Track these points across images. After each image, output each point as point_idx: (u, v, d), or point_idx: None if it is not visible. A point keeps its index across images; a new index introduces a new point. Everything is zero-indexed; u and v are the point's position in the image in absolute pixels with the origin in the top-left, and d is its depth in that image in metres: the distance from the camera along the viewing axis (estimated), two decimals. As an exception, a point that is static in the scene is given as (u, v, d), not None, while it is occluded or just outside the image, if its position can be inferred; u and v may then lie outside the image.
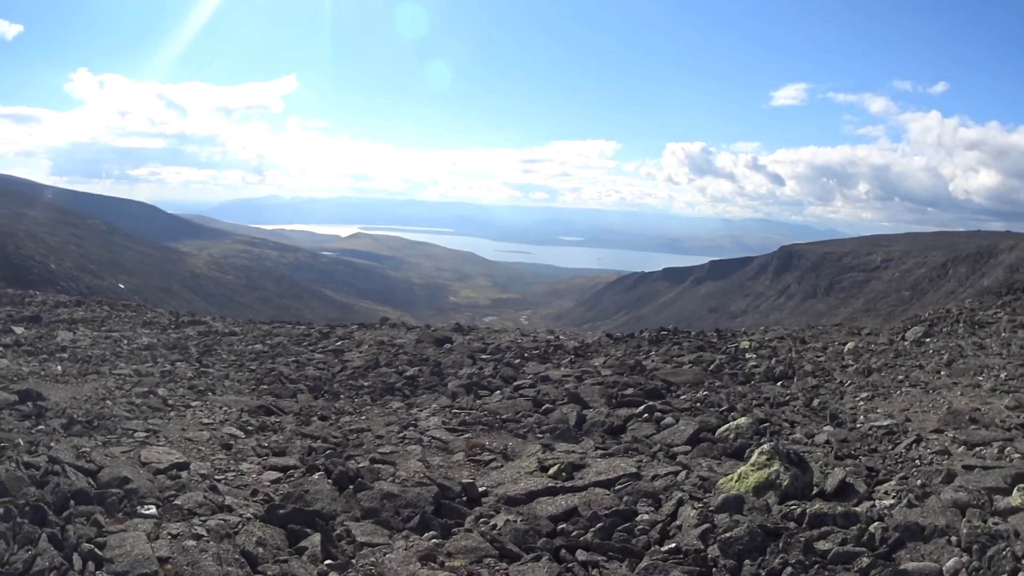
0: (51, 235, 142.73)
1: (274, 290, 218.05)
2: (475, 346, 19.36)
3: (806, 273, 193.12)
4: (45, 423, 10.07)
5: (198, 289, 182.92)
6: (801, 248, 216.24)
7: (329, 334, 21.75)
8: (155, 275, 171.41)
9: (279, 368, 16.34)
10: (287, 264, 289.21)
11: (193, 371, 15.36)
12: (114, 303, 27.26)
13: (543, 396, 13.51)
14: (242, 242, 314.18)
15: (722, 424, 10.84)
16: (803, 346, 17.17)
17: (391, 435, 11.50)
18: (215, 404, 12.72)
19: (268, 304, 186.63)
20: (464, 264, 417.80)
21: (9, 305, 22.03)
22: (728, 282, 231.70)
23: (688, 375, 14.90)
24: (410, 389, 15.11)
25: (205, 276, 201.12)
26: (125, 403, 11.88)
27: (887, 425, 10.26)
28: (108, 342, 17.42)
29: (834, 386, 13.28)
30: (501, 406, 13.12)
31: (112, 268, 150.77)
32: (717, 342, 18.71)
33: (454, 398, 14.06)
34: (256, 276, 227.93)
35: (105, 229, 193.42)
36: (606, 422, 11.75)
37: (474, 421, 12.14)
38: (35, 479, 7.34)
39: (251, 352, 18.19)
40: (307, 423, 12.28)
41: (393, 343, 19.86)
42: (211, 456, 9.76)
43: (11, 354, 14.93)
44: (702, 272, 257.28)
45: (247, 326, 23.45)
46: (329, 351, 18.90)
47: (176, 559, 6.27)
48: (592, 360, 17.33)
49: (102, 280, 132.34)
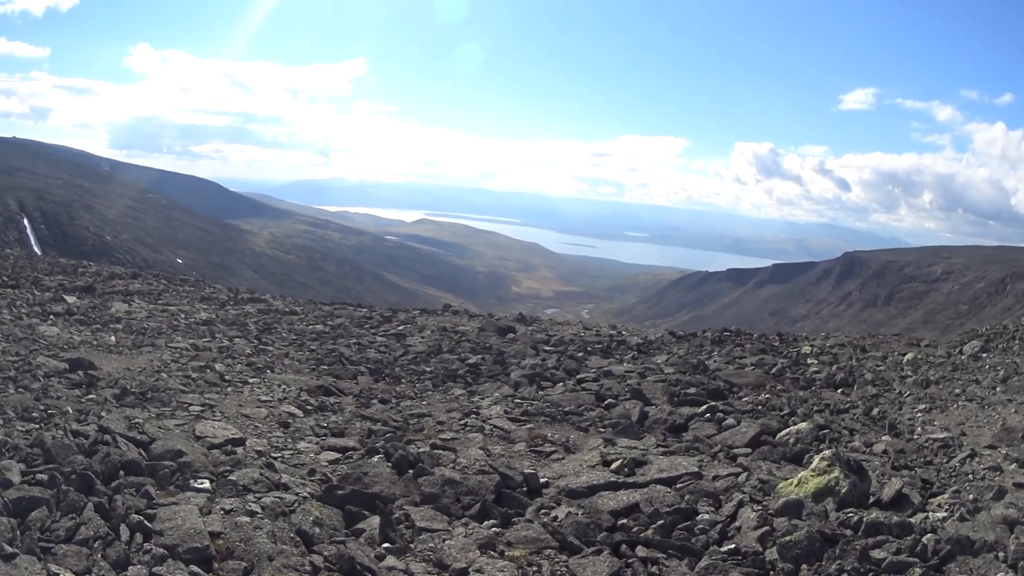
0: (108, 207, 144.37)
1: (336, 272, 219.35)
2: (538, 337, 19.34)
3: (868, 281, 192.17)
4: (96, 393, 10.15)
5: (258, 268, 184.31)
6: (864, 255, 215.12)
7: (391, 318, 21.79)
8: (214, 251, 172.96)
9: (340, 349, 16.36)
10: (350, 246, 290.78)
11: (252, 348, 15.44)
12: (172, 277, 27.55)
13: (606, 391, 13.49)
14: (305, 223, 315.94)
15: (783, 428, 10.82)
16: (863, 354, 17.04)
17: (452, 422, 11.55)
18: (274, 382, 12.76)
19: (329, 286, 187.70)
20: (528, 255, 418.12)
21: (61, 274, 22.24)
22: (790, 286, 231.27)
23: (750, 377, 14.82)
24: (472, 377, 15.13)
25: (266, 255, 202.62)
26: (181, 376, 11.97)
27: (943, 438, 10.20)
28: (165, 315, 17.55)
29: (893, 396, 13.16)
30: (564, 398, 13.13)
31: (170, 243, 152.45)
32: (779, 346, 18.60)
33: (516, 388, 14.02)
34: (318, 257, 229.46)
35: (165, 204, 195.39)
36: (668, 420, 11.72)
37: (536, 412, 12.15)
38: (83, 448, 7.39)
39: (312, 332, 18.25)
40: (367, 405, 12.31)
41: (456, 330, 19.87)
42: (268, 433, 9.80)
43: (62, 323, 15.07)
44: (765, 275, 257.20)
45: (308, 306, 23.57)
46: (391, 335, 18.91)
47: (228, 534, 6.27)
48: (655, 357, 17.25)
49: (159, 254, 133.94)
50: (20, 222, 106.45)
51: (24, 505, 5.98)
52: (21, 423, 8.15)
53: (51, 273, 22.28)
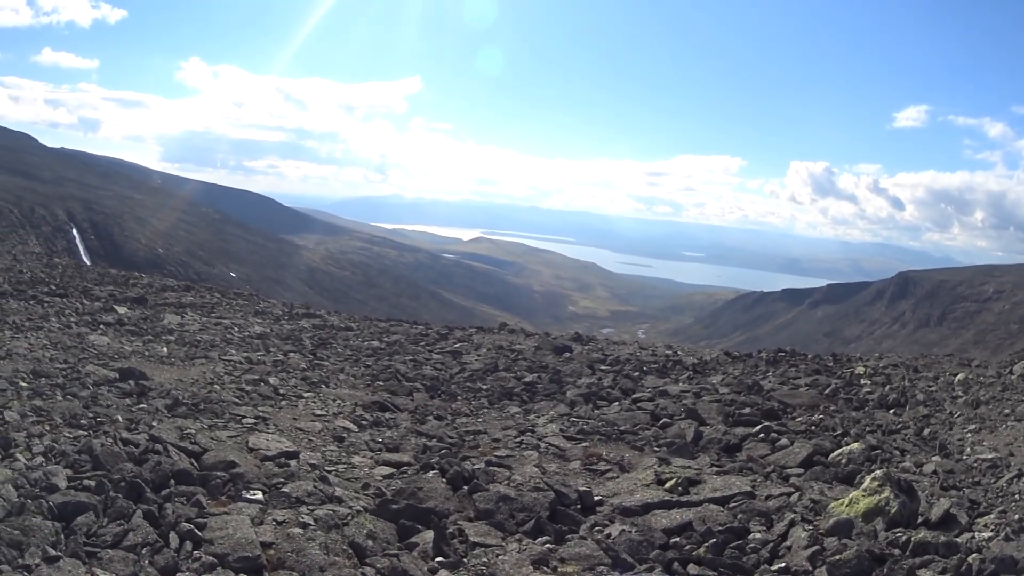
0: (160, 220, 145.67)
1: (391, 289, 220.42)
2: (594, 356, 19.34)
3: (920, 301, 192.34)
4: (147, 402, 10.27)
5: (312, 283, 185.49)
6: (917, 275, 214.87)
7: (447, 335, 21.86)
8: (268, 266, 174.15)
9: (396, 366, 16.44)
10: (406, 263, 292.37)
11: (307, 363, 15.56)
12: (225, 291, 27.77)
13: (661, 410, 13.51)
14: (361, 239, 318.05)
15: (835, 448, 10.77)
16: (916, 375, 16.99)
17: (508, 439, 11.58)
18: (328, 397, 12.87)
19: (384, 302, 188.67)
20: (585, 274, 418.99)
21: (111, 285, 22.50)
22: (844, 306, 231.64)
23: (804, 398, 14.78)
24: (528, 395, 15.19)
25: (321, 270, 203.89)
26: (234, 389, 12.11)
27: (991, 458, 10.17)
28: (218, 328, 17.72)
29: (944, 416, 13.13)
30: (619, 417, 13.16)
31: (223, 256, 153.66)
32: (833, 366, 18.55)
33: (572, 407, 14.10)
34: (374, 274, 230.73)
35: (218, 217, 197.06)
36: (722, 440, 11.70)
37: (592, 431, 12.19)
38: (133, 456, 7.50)
39: (367, 348, 18.33)
40: (423, 422, 12.36)
41: (512, 348, 19.89)
42: (322, 447, 9.87)
43: (112, 333, 15.26)
44: (819, 295, 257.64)
45: (363, 322, 23.68)
46: (447, 352, 18.99)
47: (280, 545, 6.31)
48: (710, 377, 17.24)
49: (212, 268, 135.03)
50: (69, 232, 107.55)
51: (70, 510, 6.08)
52: (69, 429, 8.27)
53: (101, 283, 22.54)
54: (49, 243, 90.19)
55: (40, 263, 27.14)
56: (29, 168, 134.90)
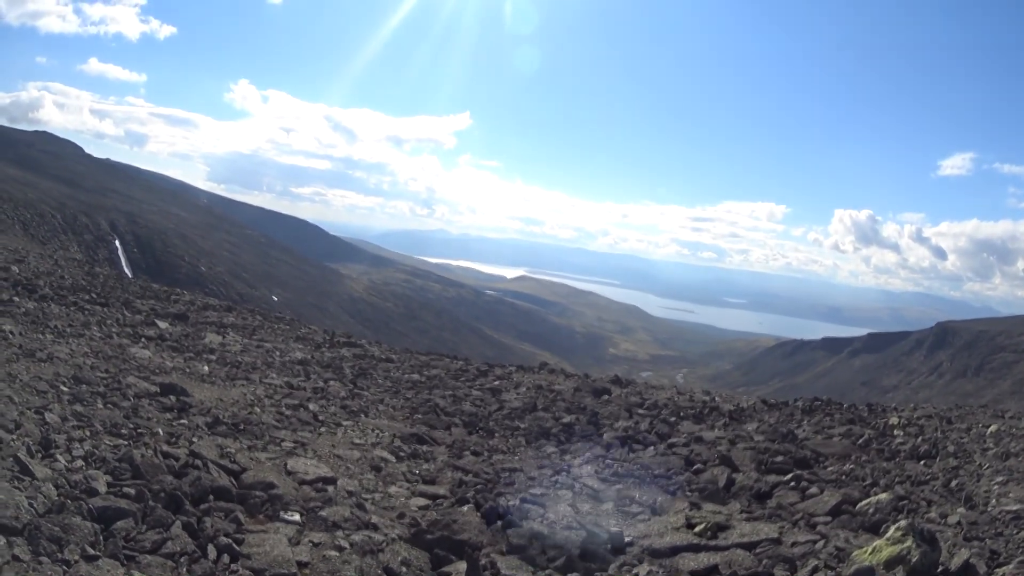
0: (203, 238, 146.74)
1: (433, 322, 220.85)
2: (632, 400, 19.40)
3: (959, 351, 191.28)
4: (188, 419, 10.47)
5: (354, 312, 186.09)
6: (956, 325, 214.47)
7: (487, 372, 21.97)
8: (311, 292, 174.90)
9: (435, 400, 16.60)
10: (449, 298, 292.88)
11: (347, 391, 15.73)
12: (267, 314, 27.99)
13: (695, 456, 13.60)
14: (405, 271, 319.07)
15: (864, 498, 10.82)
16: (949, 426, 16.99)
17: (543, 478, 11.67)
18: (367, 426, 13.02)
19: (425, 335, 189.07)
20: (627, 317, 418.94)
21: (153, 299, 22.79)
22: (883, 356, 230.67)
23: (837, 447, 14.82)
24: (565, 436, 15.28)
25: (363, 300, 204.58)
26: (274, 412, 12.28)
27: (1016, 510, 10.15)
28: (260, 351, 17.92)
29: (973, 468, 13.12)
30: (654, 461, 13.23)
31: (266, 280, 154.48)
32: (868, 416, 18.57)
33: (608, 449, 14.21)
34: (416, 306, 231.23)
35: (263, 241, 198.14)
36: (754, 487, 11.75)
37: (626, 473, 12.27)
38: (173, 469, 7.68)
39: (407, 381, 18.49)
40: (460, 456, 12.47)
41: (551, 388, 19.98)
42: (359, 475, 10.01)
43: (154, 347, 15.50)
44: (859, 344, 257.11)
45: (404, 355, 23.82)
46: (487, 389, 19.10)
47: (316, 566, 6.44)
48: (746, 424, 17.30)
49: (255, 290, 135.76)
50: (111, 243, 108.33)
51: (109, 514, 6.27)
52: (109, 437, 8.46)
53: (143, 297, 22.81)
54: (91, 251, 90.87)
55: (81, 270, 27.49)
56: (74, 176, 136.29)
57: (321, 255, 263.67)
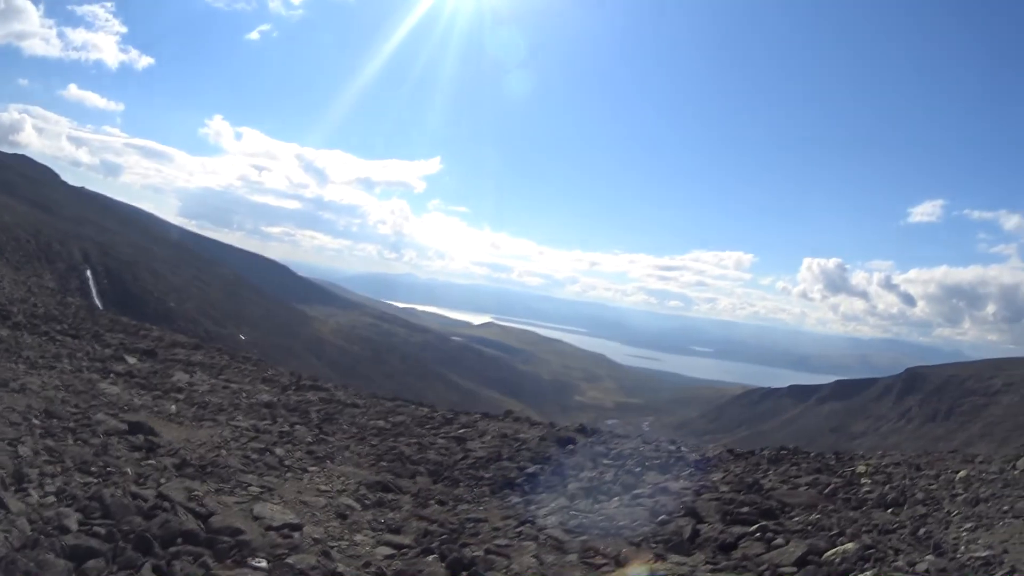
0: (173, 274, 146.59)
1: (399, 367, 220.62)
2: (597, 450, 19.37)
3: (928, 396, 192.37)
4: (156, 459, 10.47)
5: (321, 354, 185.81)
6: (926, 371, 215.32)
7: (452, 420, 21.91)
8: (278, 333, 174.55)
9: (400, 447, 16.57)
10: (415, 343, 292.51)
11: (312, 436, 15.71)
12: (234, 353, 27.92)
13: (660, 507, 13.57)
14: (372, 315, 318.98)
15: (830, 548, 10.85)
16: (917, 473, 17.03)
17: (507, 528, 11.69)
18: (333, 473, 13.00)
19: (391, 380, 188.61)
20: (593, 365, 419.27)
21: (123, 333, 22.74)
22: (851, 403, 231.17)
23: (803, 497, 14.84)
24: (530, 486, 15.23)
25: (330, 343, 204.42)
26: (240, 456, 12.25)
27: (985, 556, 10.24)
28: (227, 392, 17.88)
29: (942, 515, 13.18)
30: (618, 512, 13.23)
31: (234, 318, 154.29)
32: (835, 465, 18.60)
33: (573, 500, 14.17)
34: (383, 351, 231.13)
35: (232, 279, 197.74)
36: (719, 538, 11.76)
37: (591, 525, 12.30)
38: (142, 510, 7.66)
39: (373, 427, 18.44)
40: (425, 506, 12.48)
41: (516, 437, 19.93)
42: (325, 522, 10.01)
43: (123, 383, 15.50)
44: (827, 391, 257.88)
45: (370, 400, 23.75)
46: (452, 437, 19.05)
47: (284, 613, 6.44)
48: (711, 474, 17.30)
49: (223, 328, 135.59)
50: (83, 272, 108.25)
51: (81, 553, 6.31)
52: (79, 474, 8.49)
53: (112, 330, 22.79)
54: (63, 280, 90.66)
55: (54, 300, 27.54)
56: (50, 203, 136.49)
57: (289, 296, 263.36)
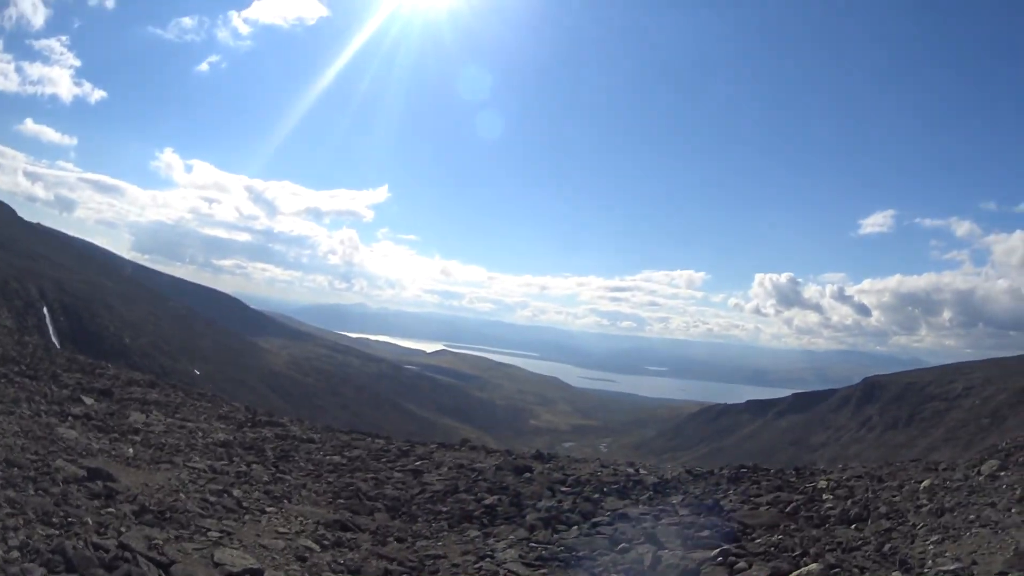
0: (128, 309, 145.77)
1: (354, 397, 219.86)
2: (555, 477, 19.35)
3: (887, 404, 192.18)
4: (115, 506, 10.33)
5: (275, 387, 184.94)
6: (883, 379, 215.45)
7: (408, 452, 21.83)
8: (232, 366, 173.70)
9: (357, 484, 16.46)
10: (369, 373, 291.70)
11: (269, 475, 15.59)
12: (189, 390, 27.71)
13: (620, 535, 13.60)
14: (325, 346, 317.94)
15: (793, 569, 10.94)
16: (880, 485, 17.00)
17: (467, 564, 11.71)
18: (291, 513, 12.91)
19: (346, 411, 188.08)
20: (547, 388, 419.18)
21: (79, 373, 22.53)
22: (810, 415, 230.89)
23: (764, 517, 14.86)
24: (488, 518, 15.22)
25: (284, 375, 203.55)
26: (199, 499, 12.13)
27: (953, 569, 10.24)
28: (183, 432, 17.72)
29: (906, 529, 13.16)
30: (578, 542, 13.23)
31: (188, 353, 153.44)
32: (795, 481, 18.59)
33: (532, 531, 14.14)
34: (337, 382, 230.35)
35: (185, 313, 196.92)
36: (680, 564, 11.78)
37: (551, 557, 12.30)
38: (104, 562, 7.59)
39: (329, 463, 18.34)
40: (384, 543, 12.44)
41: (473, 467, 19.90)
42: (285, 566, 9.95)
43: (80, 426, 15.29)
44: (784, 405, 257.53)
45: (326, 434, 23.66)
46: (408, 470, 18.97)
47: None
48: (670, 498, 17.29)
49: (177, 363, 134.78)
50: (40, 310, 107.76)
51: (48, 609, 6.19)
52: (41, 527, 8.37)
53: (69, 370, 22.57)
54: (20, 318, 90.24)
55: (12, 339, 27.26)
56: (6, 240, 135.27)
57: (242, 328, 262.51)
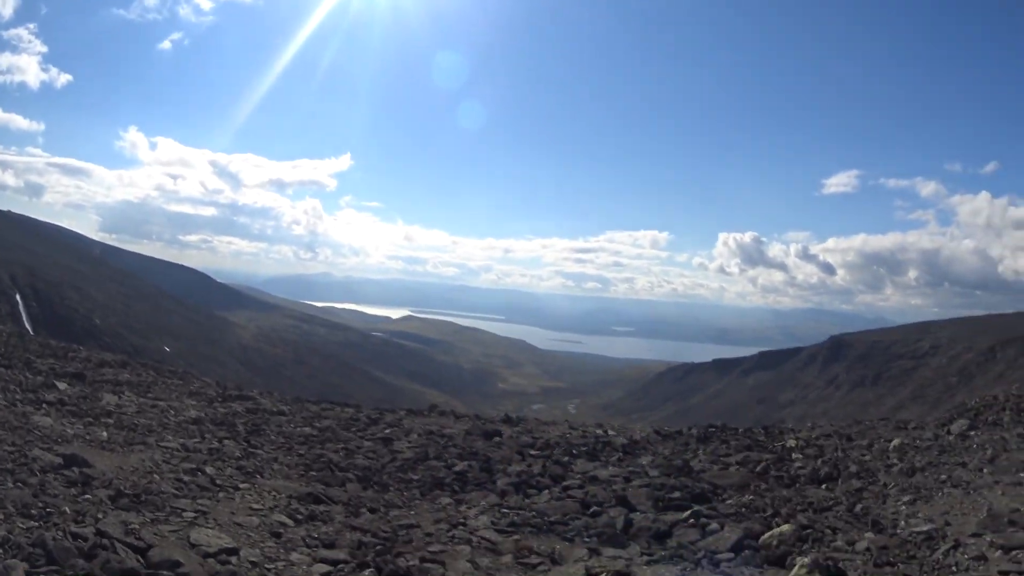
0: (98, 291, 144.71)
1: (322, 367, 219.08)
2: (524, 440, 19.43)
3: (854, 363, 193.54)
4: (91, 492, 10.30)
5: (245, 360, 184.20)
6: (850, 338, 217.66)
7: (378, 420, 21.82)
8: (202, 342, 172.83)
9: (328, 455, 16.40)
10: (336, 342, 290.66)
11: (241, 451, 15.52)
12: (160, 368, 27.53)
13: (591, 498, 13.64)
14: (292, 317, 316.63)
15: (766, 530, 10.93)
16: (849, 443, 17.04)
17: (440, 533, 11.68)
18: (264, 488, 12.88)
19: (315, 380, 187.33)
20: (514, 351, 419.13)
21: (52, 358, 22.35)
22: (777, 373, 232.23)
23: (735, 477, 14.94)
24: (459, 485, 15.21)
25: (252, 348, 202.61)
26: (173, 479, 12.10)
27: (927, 530, 10.30)
28: (155, 411, 17.62)
29: (878, 488, 13.22)
30: (549, 507, 13.23)
31: (158, 331, 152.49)
32: (764, 440, 18.62)
33: (503, 496, 14.18)
34: (305, 352, 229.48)
35: (154, 291, 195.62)
36: (652, 527, 11.80)
37: (523, 522, 12.29)
38: (83, 551, 7.60)
39: (300, 435, 18.29)
40: (356, 515, 12.43)
41: (442, 433, 19.95)
42: (261, 543, 9.96)
43: (55, 413, 15.15)
44: (751, 363, 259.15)
45: (295, 405, 23.57)
46: (378, 439, 18.93)
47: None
48: (640, 459, 17.31)
49: (148, 341, 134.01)
50: (12, 297, 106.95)
51: (31, 605, 6.22)
52: (21, 520, 8.36)
53: (42, 355, 22.38)
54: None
55: (-14, 329, 27.05)
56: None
57: (210, 303, 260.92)
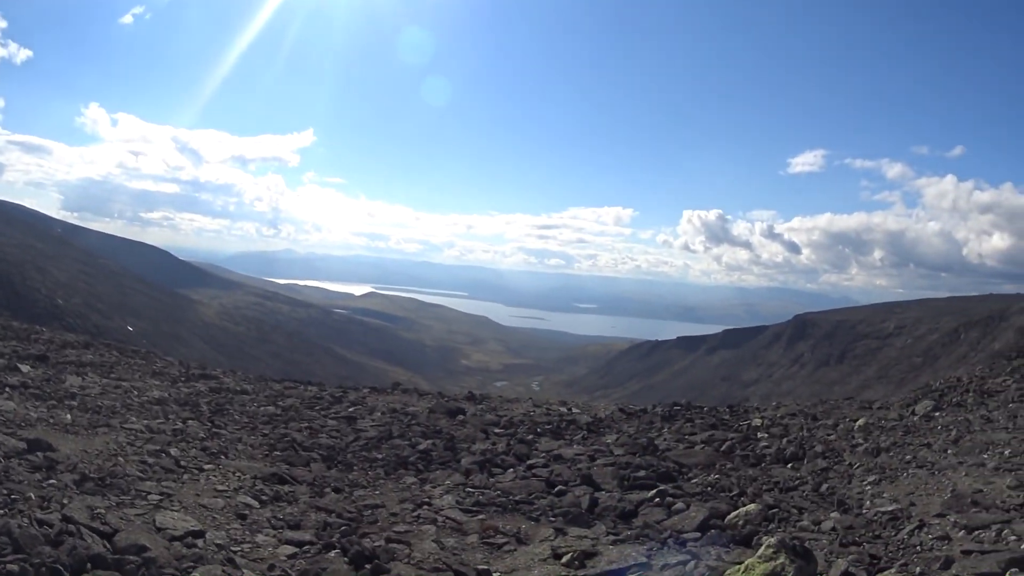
0: (60, 270, 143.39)
1: (285, 344, 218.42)
2: (488, 418, 19.40)
3: (819, 342, 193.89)
4: (56, 477, 10.12)
5: (208, 338, 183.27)
6: (815, 317, 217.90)
7: (342, 398, 21.75)
8: (165, 320, 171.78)
9: (292, 434, 16.31)
10: (299, 319, 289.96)
11: (205, 431, 15.35)
12: (123, 348, 27.29)
13: (556, 477, 13.62)
14: (255, 294, 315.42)
15: (732, 510, 10.92)
16: (814, 423, 17.09)
17: (405, 513, 11.63)
18: (228, 469, 12.76)
19: (278, 358, 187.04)
20: (477, 328, 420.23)
21: (15, 340, 22.11)
22: (741, 351, 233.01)
23: (700, 456, 14.95)
24: (423, 464, 15.13)
25: (216, 326, 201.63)
26: (137, 461, 11.93)
27: (892, 510, 10.32)
28: (118, 392, 17.41)
29: (843, 468, 13.28)
30: (514, 486, 13.19)
31: (121, 309, 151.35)
32: (730, 419, 18.68)
33: (468, 475, 14.10)
34: (268, 329, 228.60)
35: (116, 270, 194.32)
36: (618, 507, 11.79)
37: (488, 502, 12.26)
38: (49, 538, 7.45)
39: (263, 414, 18.17)
40: (321, 495, 12.35)
41: (406, 411, 19.86)
42: (226, 525, 9.86)
43: (18, 396, 14.91)
44: (715, 341, 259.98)
45: (259, 384, 23.46)
46: (342, 417, 18.87)
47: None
48: (605, 437, 17.33)
49: (110, 321, 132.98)
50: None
51: (-2, 595, 6.09)
52: (-13, 507, 8.19)
53: (4, 338, 22.13)
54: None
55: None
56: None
57: (173, 281, 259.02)
